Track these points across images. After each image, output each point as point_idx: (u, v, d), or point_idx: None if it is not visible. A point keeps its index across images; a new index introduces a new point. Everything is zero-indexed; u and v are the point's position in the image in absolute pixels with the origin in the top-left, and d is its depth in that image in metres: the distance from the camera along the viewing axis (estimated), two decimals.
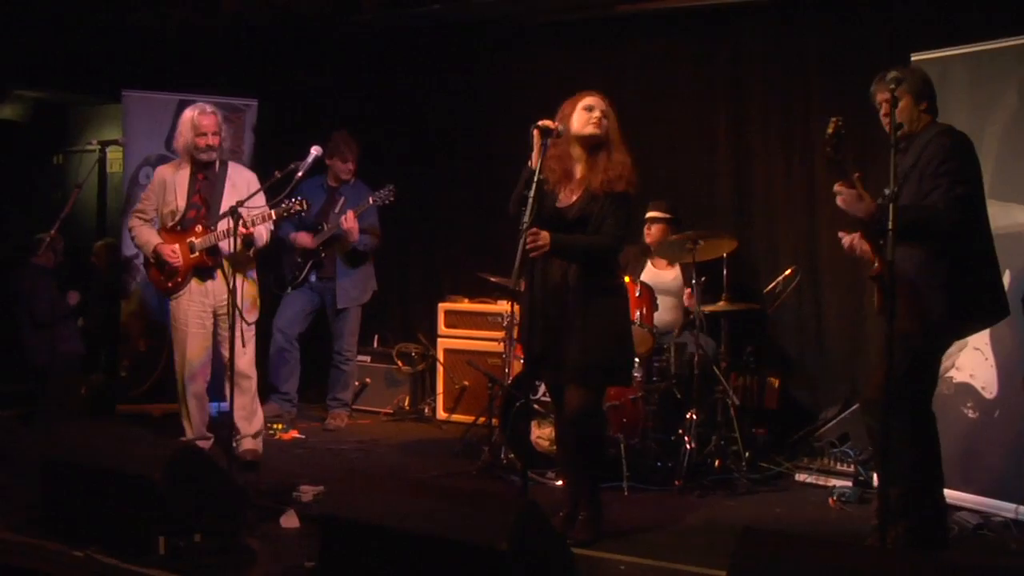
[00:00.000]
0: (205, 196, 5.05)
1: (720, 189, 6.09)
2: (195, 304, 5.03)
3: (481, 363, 6.05)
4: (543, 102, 3.97)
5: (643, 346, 4.96)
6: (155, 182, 5.16)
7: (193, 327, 5.03)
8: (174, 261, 4.95)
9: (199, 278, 5.02)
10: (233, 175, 5.10)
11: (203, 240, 4.95)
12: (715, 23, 6.05)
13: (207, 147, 4.96)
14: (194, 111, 4.99)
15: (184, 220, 5.02)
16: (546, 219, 3.75)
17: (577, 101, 3.85)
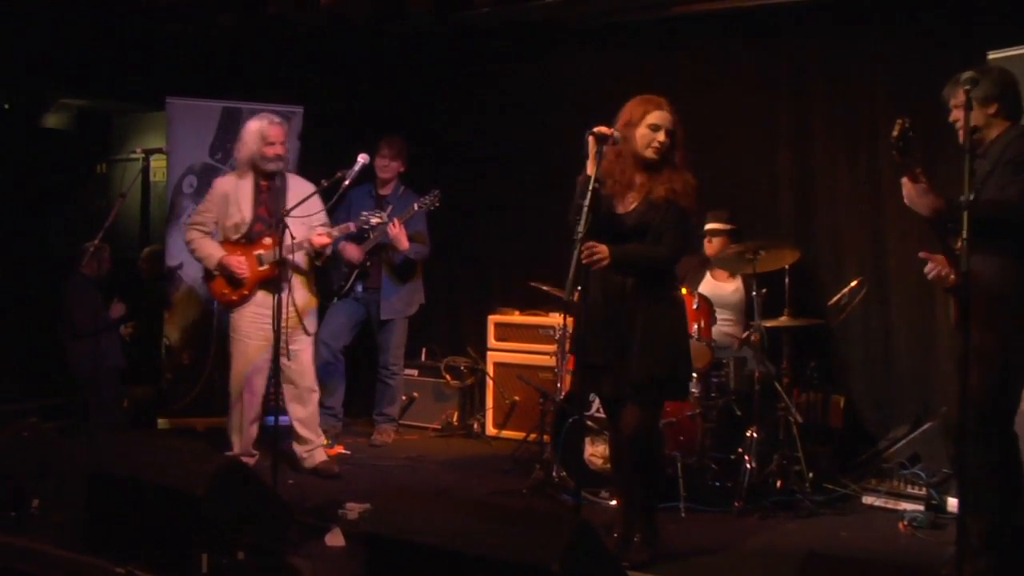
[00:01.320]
0: (270, 208, 5.14)
1: (782, 197, 6.04)
2: (259, 316, 5.11)
3: (532, 377, 6.05)
4: (597, 106, 3.98)
5: (701, 361, 4.93)
6: (215, 194, 5.23)
7: (256, 339, 5.11)
8: (242, 274, 5.05)
9: (266, 290, 5.09)
10: (294, 186, 5.18)
11: (272, 253, 5.05)
12: (775, 23, 6.01)
13: (275, 157, 5.08)
14: (262, 121, 5.10)
15: (250, 233, 5.12)
16: (602, 226, 3.74)
17: (644, 111, 3.80)
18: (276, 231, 5.01)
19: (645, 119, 3.79)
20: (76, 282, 6.35)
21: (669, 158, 3.80)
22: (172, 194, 6.67)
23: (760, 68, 6.12)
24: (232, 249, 5.13)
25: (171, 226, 6.63)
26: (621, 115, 3.84)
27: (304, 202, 4.86)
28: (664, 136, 3.77)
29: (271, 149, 5.06)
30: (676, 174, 3.78)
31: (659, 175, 3.79)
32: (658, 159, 3.79)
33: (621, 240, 3.75)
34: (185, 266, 6.57)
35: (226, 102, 6.72)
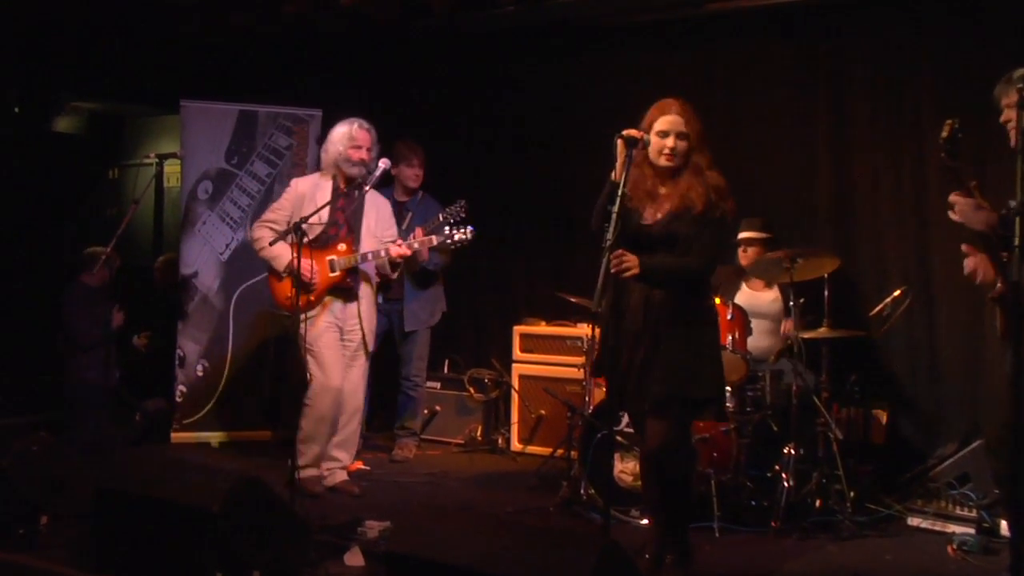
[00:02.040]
0: (348, 216, 5.20)
1: (821, 202, 6.01)
2: (329, 324, 5.16)
3: (559, 391, 6.04)
4: (627, 108, 3.97)
5: (736, 374, 4.91)
6: (292, 193, 5.28)
7: (332, 347, 5.16)
8: (312, 279, 5.05)
9: (334, 297, 5.16)
10: (371, 199, 5.27)
11: (346, 259, 5.09)
12: (814, 20, 5.99)
13: (360, 161, 5.12)
14: (351, 124, 5.18)
15: (324, 236, 5.14)
16: (630, 236, 3.74)
17: (653, 118, 3.80)
18: (355, 240, 5.14)
19: (654, 126, 3.78)
20: (76, 292, 6.34)
21: (687, 163, 3.78)
22: (186, 200, 6.72)
23: (798, 68, 6.10)
24: (303, 252, 5.08)
25: (186, 233, 6.68)
26: (642, 121, 3.84)
27: (321, 210, 4.91)
28: (673, 141, 3.74)
29: (356, 152, 5.12)
30: (696, 179, 3.74)
31: (678, 182, 3.77)
32: (672, 166, 3.78)
33: (649, 252, 3.73)
34: (200, 274, 6.62)
35: (242, 105, 6.77)
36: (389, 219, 5.41)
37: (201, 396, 6.61)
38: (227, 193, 6.69)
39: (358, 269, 5.14)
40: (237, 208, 6.69)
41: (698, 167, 3.77)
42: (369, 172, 5.15)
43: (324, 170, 5.28)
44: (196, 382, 6.62)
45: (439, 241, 5.16)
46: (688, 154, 3.77)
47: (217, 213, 6.68)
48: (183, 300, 6.66)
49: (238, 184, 6.71)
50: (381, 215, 5.31)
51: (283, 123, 6.77)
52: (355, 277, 5.17)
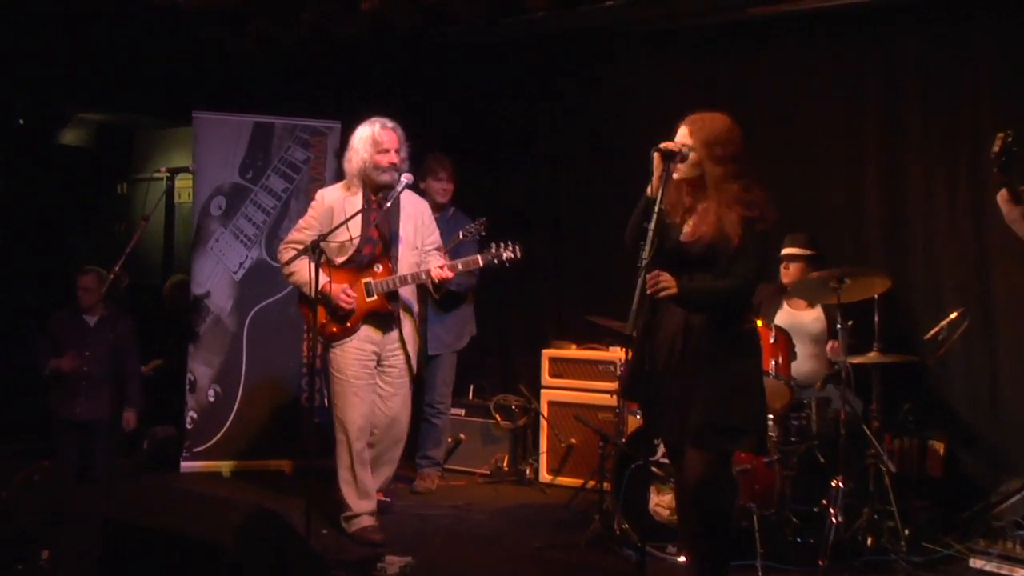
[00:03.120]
0: (382, 229, 5.02)
1: (870, 217, 5.98)
2: (364, 354, 5.03)
3: (591, 418, 6.03)
4: (664, 118, 3.96)
5: (779, 401, 4.88)
6: (319, 207, 5.09)
7: (361, 379, 5.02)
8: (348, 305, 4.93)
9: (372, 325, 5.02)
10: (408, 204, 5.10)
11: (384, 282, 4.96)
12: (863, 25, 5.98)
13: (390, 166, 4.94)
14: (373, 125, 4.99)
15: (358, 256, 5.00)
16: (667, 254, 3.73)
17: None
18: (392, 257, 5.00)
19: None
20: (55, 315, 6.35)
21: (709, 178, 3.75)
22: (199, 217, 6.78)
23: (845, 74, 6.09)
24: (335, 277, 4.93)
25: (197, 251, 6.73)
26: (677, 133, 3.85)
27: (348, 222, 4.88)
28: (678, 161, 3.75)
29: (384, 157, 4.94)
30: (722, 192, 3.72)
31: (705, 196, 3.77)
32: (691, 180, 3.77)
33: (687, 271, 3.72)
34: (213, 294, 6.67)
35: (258, 117, 6.83)
36: (430, 225, 5.22)
37: (213, 423, 6.64)
38: (241, 209, 6.75)
39: (398, 294, 4.99)
40: (252, 225, 6.73)
41: (718, 181, 3.73)
42: (400, 175, 4.98)
43: (350, 181, 5.07)
44: (207, 408, 6.66)
45: (485, 261, 4.97)
46: (697, 166, 3.75)
47: (231, 230, 6.73)
48: (194, 321, 6.70)
49: (253, 200, 6.76)
50: (420, 222, 5.13)
51: (300, 135, 6.83)
52: (396, 303, 5.02)
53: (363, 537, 4.97)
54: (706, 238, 3.72)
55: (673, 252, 3.76)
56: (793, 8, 6.08)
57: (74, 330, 6.35)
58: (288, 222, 6.72)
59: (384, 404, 5.13)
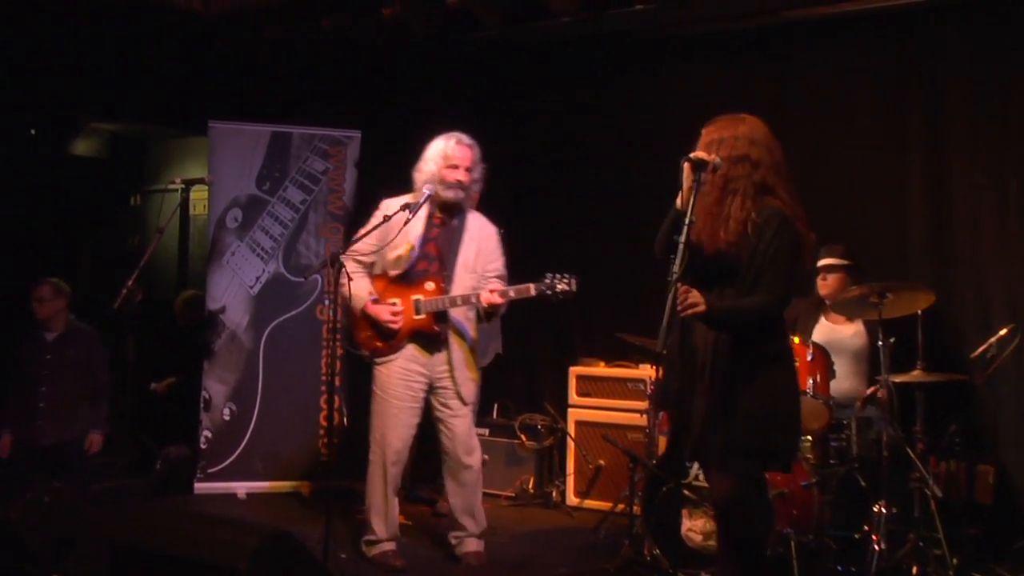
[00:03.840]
0: (441, 246, 5.02)
1: (913, 228, 5.94)
2: (409, 374, 5.00)
3: (620, 438, 6.01)
4: (694, 126, 3.94)
5: (817, 421, 4.85)
6: (379, 217, 5.04)
7: (403, 400, 5.00)
8: (393, 325, 4.95)
9: (419, 345, 5.00)
10: (473, 227, 5.09)
11: (433, 301, 4.92)
12: (905, 27, 5.96)
13: (456, 183, 4.94)
14: (448, 140, 5.01)
15: (412, 271, 4.99)
16: (697, 269, 3.71)
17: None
18: (447, 276, 4.95)
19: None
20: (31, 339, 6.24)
21: (726, 183, 3.73)
22: (214, 229, 6.83)
23: (886, 78, 6.06)
24: (387, 289, 5.00)
25: (213, 265, 6.78)
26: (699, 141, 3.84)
27: (368, 235, 4.89)
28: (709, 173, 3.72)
29: (452, 173, 4.94)
30: (734, 199, 3.69)
31: (740, 205, 3.74)
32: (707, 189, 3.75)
33: (718, 285, 3.71)
34: (228, 310, 6.70)
35: (275, 126, 6.88)
36: (494, 251, 5.15)
37: (228, 443, 6.67)
38: (258, 221, 6.80)
39: (448, 314, 4.96)
40: (269, 238, 6.77)
41: (730, 188, 3.70)
42: (468, 196, 5.02)
43: (418, 193, 5.01)
44: (222, 427, 6.69)
45: (538, 291, 4.81)
46: (716, 171, 3.71)
47: (247, 243, 6.77)
48: (209, 338, 6.74)
49: (270, 212, 6.80)
50: (484, 247, 5.08)
51: (319, 145, 6.87)
52: (444, 324, 4.99)
53: (384, 563, 4.99)
54: (717, 250, 3.70)
55: (702, 266, 3.73)
56: (829, 11, 6.05)
57: (32, 348, 6.20)
58: (306, 235, 6.77)
59: (447, 428, 5.09)
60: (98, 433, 6.15)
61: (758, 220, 3.66)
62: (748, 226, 3.66)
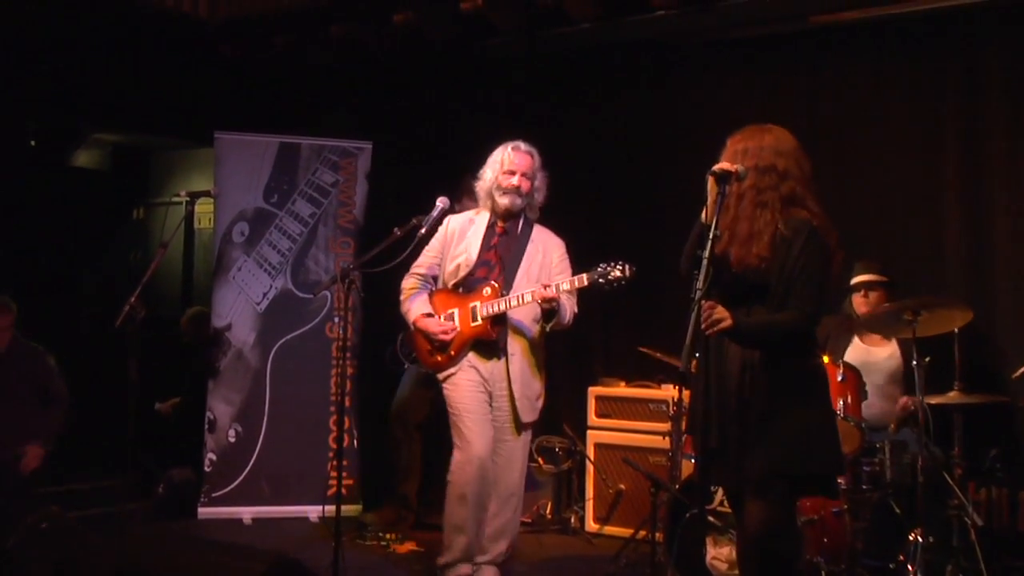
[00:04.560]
0: (501, 252, 5.06)
1: (949, 242, 5.91)
2: (473, 381, 4.98)
3: (642, 462, 5.98)
4: (720, 137, 3.94)
5: (848, 445, 4.82)
6: (441, 232, 5.14)
7: (476, 411, 4.96)
8: (443, 337, 4.96)
9: (478, 353, 4.99)
10: (538, 238, 5.12)
11: (489, 304, 4.93)
12: (941, 31, 5.95)
13: (511, 189, 5.00)
14: (506, 147, 5.08)
15: (470, 279, 5.03)
16: (723, 285, 3.70)
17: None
18: (506, 282, 4.95)
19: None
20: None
21: (752, 194, 3.72)
22: (220, 244, 6.85)
23: (920, 84, 6.05)
24: (446, 299, 5.05)
25: (218, 281, 6.80)
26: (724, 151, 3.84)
27: (381, 250, 4.88)
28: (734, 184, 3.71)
29: (508, 179, 5.00)
30: (762, 212, 3.68)
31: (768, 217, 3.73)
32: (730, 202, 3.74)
33: (743, 302, 3.70)
34: (234, 327, 6.72)
35: (283, 137, 6.91)
36: (559, 263, 5.12)
37: (233, 465, 6.68)
38: (265, 235, 6.82)
39: (506, 319, 4.92)
40: (276, 252, 6.80)
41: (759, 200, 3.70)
42: (528, 203, 5.07)
43: (481, 203, 5.14)
44: (228, 449, 6.70)
45: (591, 280, 4.73)
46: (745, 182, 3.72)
47: (254, 258, 6.79)
48: (214, 356, 6.75)
49: (278, 225, 6.83)
50: (548, 259, 5.08)
51: (329, 157, 6.90)
52: (502, 328, 4.95)
53: None
54: (745, 266, 3.69)
55: (730, 282, 3.73)
56: (860, 15, 6.05)
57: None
58: (315, 249, 6.78)
59: (496, 450, 5.01)
60: (36, 445, 5.92)
61: (786, 233, 3.66)
62: (776, 239, 3.66)
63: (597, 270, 4.72)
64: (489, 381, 4.98)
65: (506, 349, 4.97)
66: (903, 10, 5.93)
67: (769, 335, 3.68)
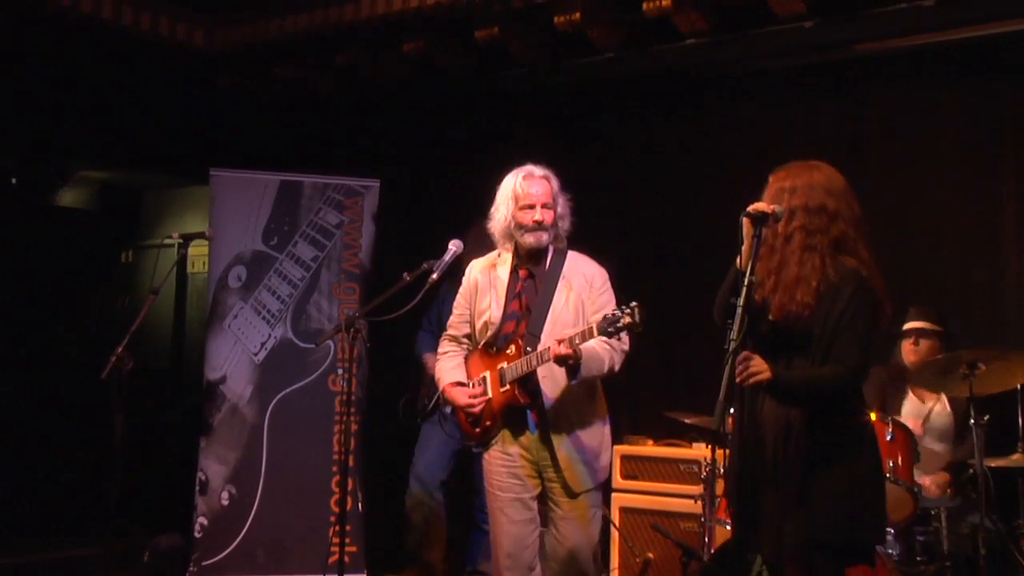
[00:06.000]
0: (528, 300, 4.67)
1: (1009, 288, 5.90)
2: (511, 456, 4.62)
3: (671, 528, 5.96)
4: (756, 175, 3.95)
5: (900, 512, 4.81)
6: (465, 282, 4.86)
7: (508, 490, 4.60)
8: (472, 409, 4.63)
9: (511, 421, 4.61)
10: (570, 270, 4.71)
11: (515, 366, 4.54)
12: (994, 59, 5.95)
13: (534, 226, 4.61)
14: (516, 176, 4.72)
15: (499, 337, 4.67)
16: (760, 336, 3.71)
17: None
18: (534, 334, 4.56)
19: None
20: None
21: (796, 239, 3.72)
22: (215, 290, 6.87)
23: (975, 121, 6.06)
24: (479, 361, 4.72)
25: (213, 329, 6.82)
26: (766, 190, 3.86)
27: (389, 296, 4.89)
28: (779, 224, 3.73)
29: (527, 215, 4.61)
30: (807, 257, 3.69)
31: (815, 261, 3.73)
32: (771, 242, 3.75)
33: (782, 354, 3.70)
34: (229, 379, 6.72)
35: (284, 174, 6.94)
36: (599, 297, 4.70)
37: (226, 530, 6.65)
38: (264, 280, 6.84)
39: (535, 378, 4.50)
40: (276, 299, 6.81)
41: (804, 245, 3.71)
42: (556, 235, 4.71)
43: (500, 245, 4.78)
44: (220, 513, 6.68)
45: (601, 329, 4.29)
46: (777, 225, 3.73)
47: (251, 305, 6.81)
48: (207, 411, 6.75)
49: (278, 270, 6.85)
50: (583, 295, 4.66)
51: (333, 196, 6.92)
52: (532, 389, 4.54)
53: None
54: (787, 314, 3.69)
55: (768, 333, 3.73)
56: (908, 43, 6.06)
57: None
58: (318, 295, 6.79)
59: (555, 529, 4.61)
60: None
61: (834, 281, 3.66)
62: (823, 287, 3.65)
63: (606, 317, 4.28)
64: (530, 451, 4.59)
65: (545, 411, 4.54)
66: (953, 38, 5.93)
67: (811, 391, 3.68)
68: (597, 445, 4.65)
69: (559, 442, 4.53)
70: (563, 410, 4.55)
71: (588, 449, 4.60)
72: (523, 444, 4.59)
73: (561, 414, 4.55)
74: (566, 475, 4.52)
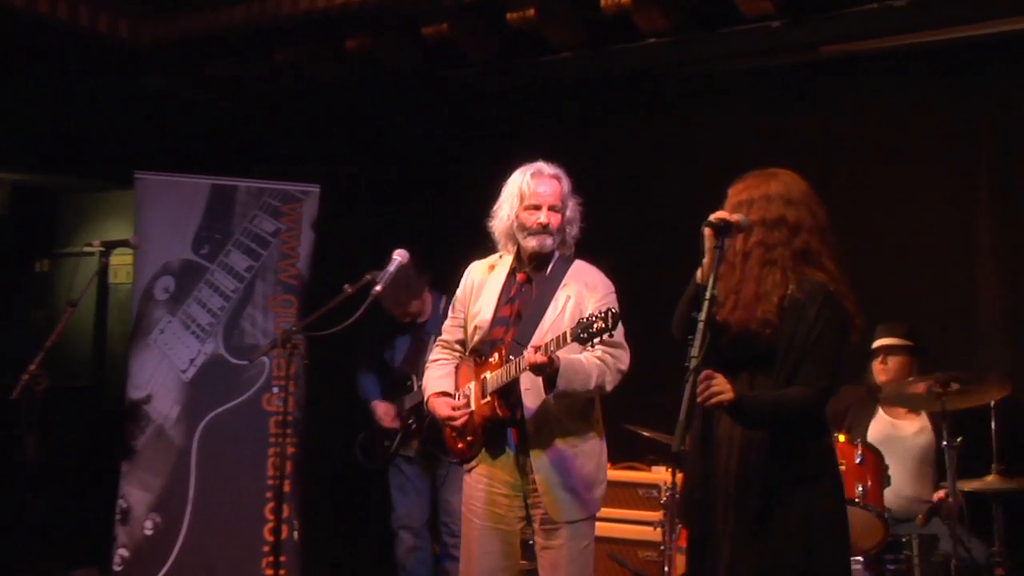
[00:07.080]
0: (521, 307, 4.59)
1: (982, 303, 5.99)
2: (493, 480, 4.50)
3: (629, 557, 6.00)
4: (720, 182, 3.98)
5: (869, 539, 4.87)
6: (461, 286, 4.79)
7: (483, 517, 4.50)
8: (457, 420, 4.53)
9: (495, 438, 4.50)
10: (573, 279, 4.61)
11: (497, 375, 4.45)
12: (970, 64, 6.05)
13: (540, 229, 4.53)
14: (523, 175, 4.63)
15: (486, 343, 4.60)
16: (722, 351, 3.72)
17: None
18: (521, 342, 4.43)
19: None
20: None
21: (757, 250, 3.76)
22: (140, 302, 6.84)
23: (947, 121, 6.16)
24: (467, 370, 4.65)
25: (137, 345, 6.79)
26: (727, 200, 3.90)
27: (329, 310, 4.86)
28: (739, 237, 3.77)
29: (532, 216, 4.53)
30: (768, 270, 3.71)
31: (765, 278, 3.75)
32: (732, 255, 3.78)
33: (745, 371, 3.73)
34: (155, 399, 6.68)
35: (217, 178, 6.93)
36: (598, 287, 4.64)
37: (150, 563, 6.60)
38: (194, 292, 6.82)
39: (517, 390, 4.40)
40: (206, 312, 6.79)
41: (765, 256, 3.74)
42: (563, 241, 4.63)
43: (502, 245, 4.70)
44: (143, 544, 6.63)
45: (574, 335, 4.18)
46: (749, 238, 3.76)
47: (180, 318, 6.78)
48: (130, 433, 6.70)
49: (209, 281, 6.83)
50: (584, 306, 4.50)
51: (269, 202, 6.92)
52: (514, 402, 4.43)
53: None
54: (749, 331, 3.69)
55: (729, 349, 3.74)
56: (879, 46, 6.15)
57: None
58: (252, 308, 6.75)
59: (541, 560, 4.52)
60: None
61: (798, 296, 3.67)
62: (786, 302, 3.67)
63: (580, 322, 4.18)
64: (512, 473, 4.47)
65: (526, 428, 4.43)
66: (928, 40, 5.99)
67: (775, 413, 3.67)
68: (589, 472, 4.48)
69: (538, 463, 4.39)
70: (544, 427, 4.41)
71: (575, 474, 4.43)
72: (502, 464, 4.49)
73: (543, 431, 4.40)
74: (544, 501, 4.38)
